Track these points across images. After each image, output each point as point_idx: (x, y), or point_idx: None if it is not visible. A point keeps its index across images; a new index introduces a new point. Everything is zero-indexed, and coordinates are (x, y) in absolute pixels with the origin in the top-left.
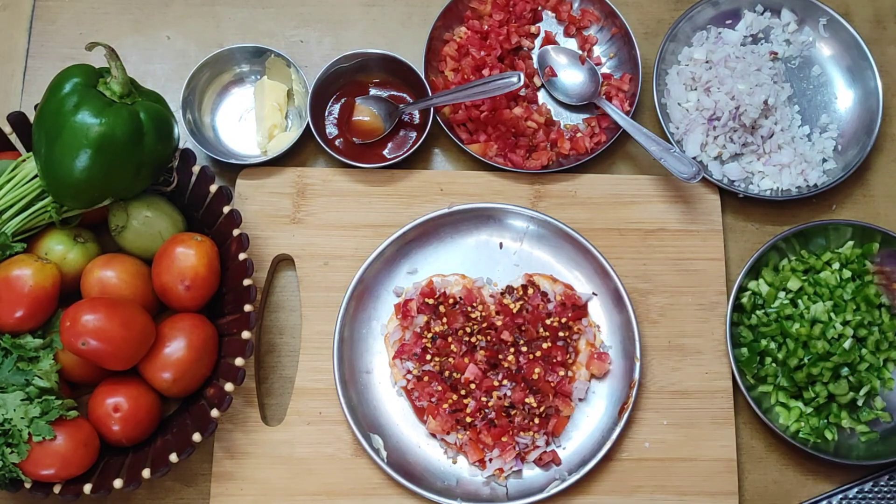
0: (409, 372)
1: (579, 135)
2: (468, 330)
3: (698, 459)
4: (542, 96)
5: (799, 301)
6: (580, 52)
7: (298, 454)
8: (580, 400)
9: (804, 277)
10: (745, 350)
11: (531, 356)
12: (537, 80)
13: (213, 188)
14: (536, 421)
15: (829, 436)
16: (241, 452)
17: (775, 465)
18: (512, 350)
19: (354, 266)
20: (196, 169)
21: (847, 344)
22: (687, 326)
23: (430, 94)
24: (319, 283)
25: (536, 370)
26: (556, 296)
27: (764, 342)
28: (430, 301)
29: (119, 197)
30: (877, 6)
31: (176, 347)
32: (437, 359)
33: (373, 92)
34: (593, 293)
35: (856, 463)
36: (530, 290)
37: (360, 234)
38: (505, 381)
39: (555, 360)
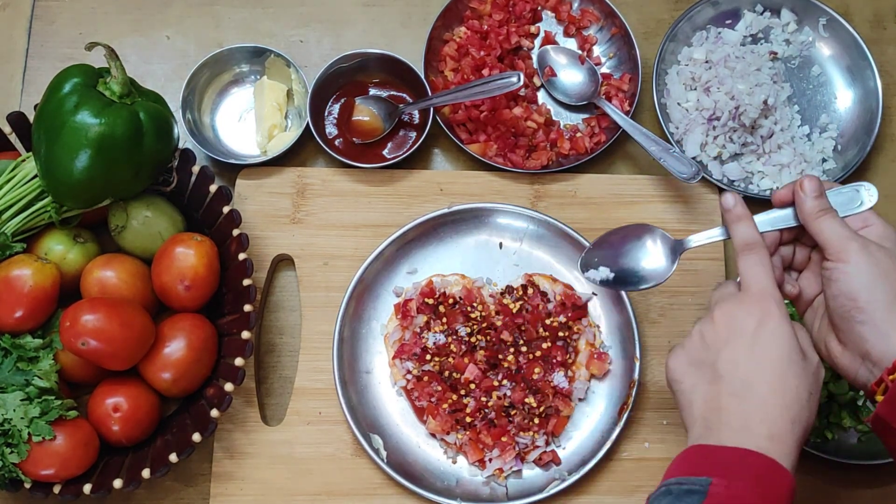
0: (408, 372)
1: (579, 135)
2: (468, 330)
3: None
4: (541, 96)
5: None
6: (580, 52)
7: (298, 454)
8: (580, 400)
9: None
10: None
11: (531, 356)
12: (537, 80)
13: (213, 188)
14: (536, 421)
15: (829, 435)
16: (241, 452)
17: None
18: (512, 350)
19: (354, 266)
20: (196, 169)
21: None
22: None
23: (430, 94)
24: (319, 283)
25: (536, 370)
26: (556, 296)
27: None
28: (430, 301)
29: (119, 197)
30: (877, 6)
31: (176, 347)
32: (436, 359)
33: (372, 92)
34: (593, 293)
35: (856, 462)
36: (530, 290)
37: (359, 234)
38: (505, 381)
39: (555, 360)
